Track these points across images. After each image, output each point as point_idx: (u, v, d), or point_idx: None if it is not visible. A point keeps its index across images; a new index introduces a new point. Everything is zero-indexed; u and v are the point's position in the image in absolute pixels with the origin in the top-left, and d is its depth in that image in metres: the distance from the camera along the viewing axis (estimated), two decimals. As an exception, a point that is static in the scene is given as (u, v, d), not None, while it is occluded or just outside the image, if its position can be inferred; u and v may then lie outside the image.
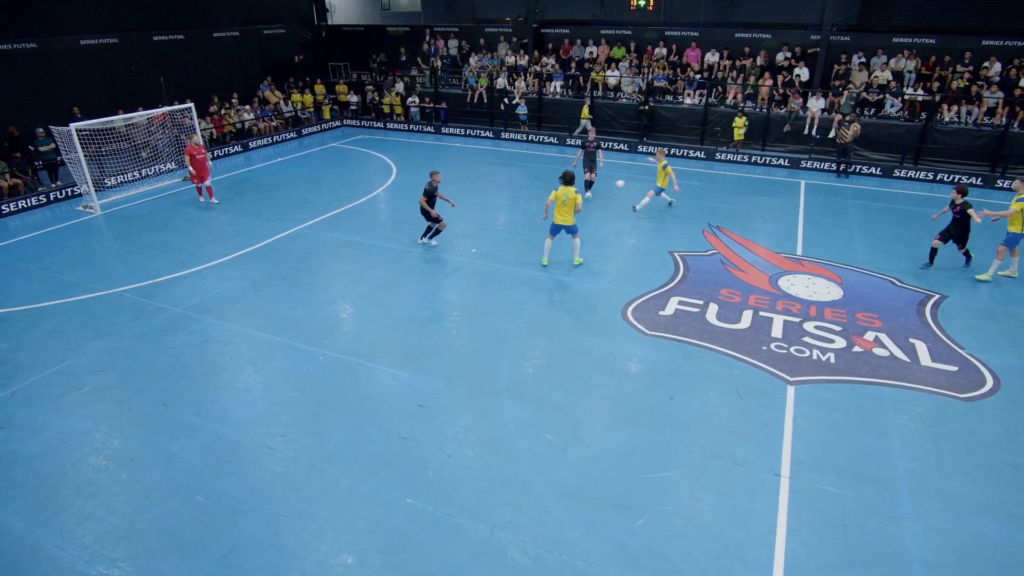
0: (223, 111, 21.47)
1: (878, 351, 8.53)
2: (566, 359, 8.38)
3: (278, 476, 6.35)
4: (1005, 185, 16.35)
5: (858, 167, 17.72)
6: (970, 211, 10.52)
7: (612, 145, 20.20)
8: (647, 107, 20.40)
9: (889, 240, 12.58)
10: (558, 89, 22.59)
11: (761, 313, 9.44)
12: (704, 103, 20.19)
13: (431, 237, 12.23)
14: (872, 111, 18.74)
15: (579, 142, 15.34)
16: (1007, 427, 7.15)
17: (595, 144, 14.81)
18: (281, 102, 23.76)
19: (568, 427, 7.06)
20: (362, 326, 9.34)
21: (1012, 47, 18.77)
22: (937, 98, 18.05)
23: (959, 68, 18.89)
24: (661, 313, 9.43)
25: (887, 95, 18.70)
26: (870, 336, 8.87)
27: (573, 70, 23.06)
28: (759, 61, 21.04)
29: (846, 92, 18.90)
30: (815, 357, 8.36)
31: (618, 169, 17.60)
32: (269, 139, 21.72)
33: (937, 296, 10.15)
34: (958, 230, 10.78)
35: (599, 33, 23.68)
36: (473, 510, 5.91)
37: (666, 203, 14.49)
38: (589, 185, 14.93)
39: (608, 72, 22.34)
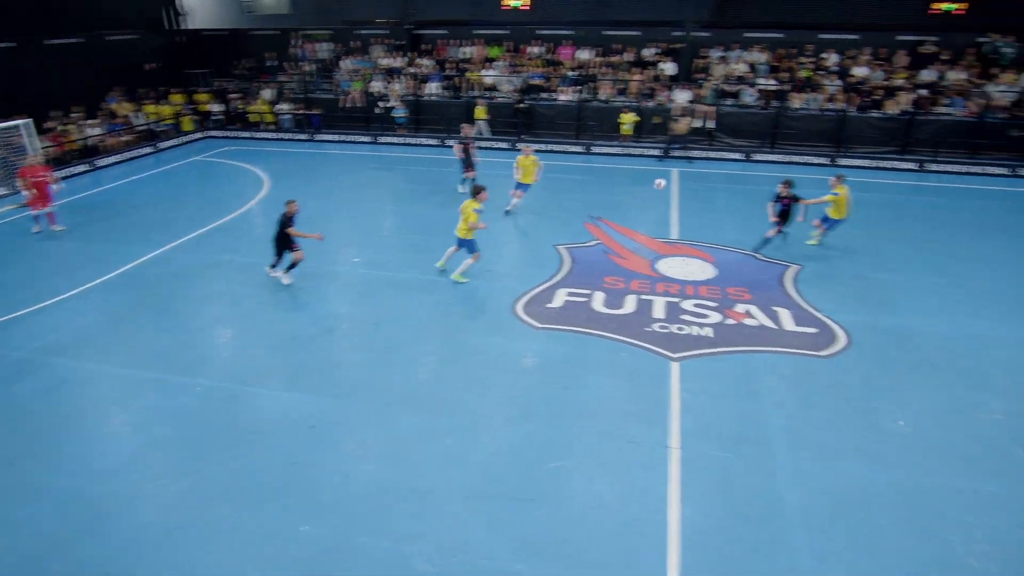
0: (63, 127, 19.53)
1: (748, 321, 9.36)
2: (460, 361, 8.46)
3: (153, 526, 5.88)
4: (845, 163, 18.46)
5: (723, 152, 19.28)
6: (800, 202, 11.68)
7: (491, 144, 20.56)
8: (523, 105, 20.96)
9: (752, 219, 13.78)
10: (435, 90, 22.66)
11: (643, 297, 10.05)
12: (579, 99, 21.06)
13: (287, 270, 10.61)
14: (731, 101, 20.44)
15: (459, 140, 15.41)
16: (860, 377, 8.10)
17: (470, 142, 15.09)
18: (132, 114, 21.98)
19: (467, 428, 7.14)
20: (241, 350, 8.89)
21: (845, 40, 21.26)
22: (787, 87, 20.03)
23: (803, 60, 21.10)
24: (550, 306, 9.77)
25: (743, 86, 20.47)
26: (741, 308, 9.72)
27: (450, 70, 23.22)
28: (628, 57, 22.31)
29: (707, 84, 20.49)
30: (695, 333, 9.03)
31: (498, 168, 17.99)
32: (121, 156, 20.02)
33: (795, 267, 11.30)
34: (783, 214, 11.87)
35: (474, 33, 24.02)
36: (374, 527, 5.82)
37: (528, 202, 14.61)
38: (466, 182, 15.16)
39: (484, 72, 22.72)
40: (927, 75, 19.96)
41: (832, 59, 20.98)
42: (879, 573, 5.37)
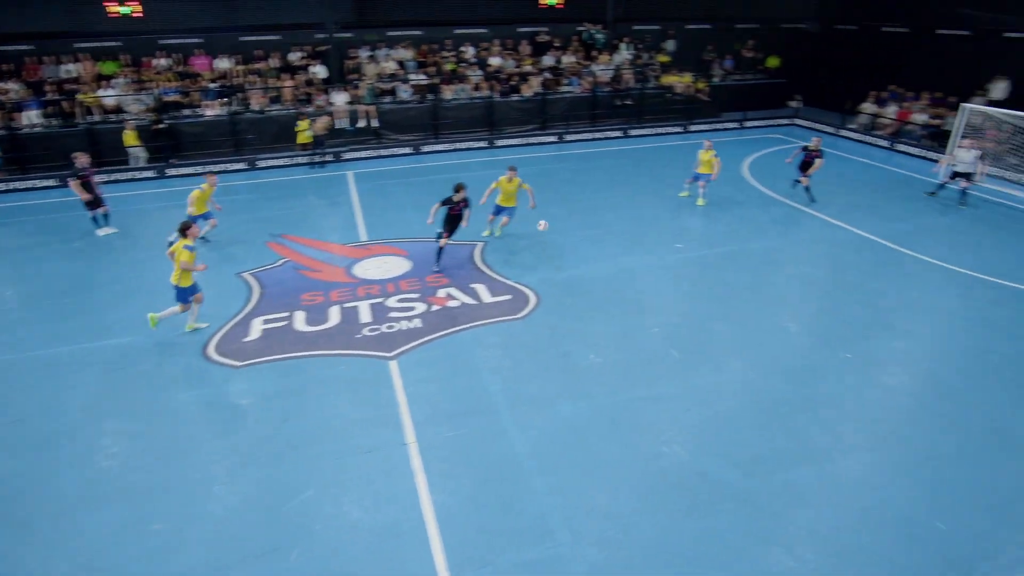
0: None
1: (451, 304, 10.07)
2: (152, 431, 7.32)
3: None
4: (502, 144, 20.94)
5: (393, 148, 20.08)
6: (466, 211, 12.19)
7: (135, 175, 17.92)
8: (163, 125, 18.69)
9: (428, 204, 14.70)
10: (36, 120, 18.67)
11: (347, 305, 10.00)
12: (229, 112, 19.62)
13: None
14: (389, 98, 21.32)
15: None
16: (551, 327, 9.41)
17: (89, 173, 13.05)
18: None
19: (179, 503, 6.25)
20: None
21: (478, 34, 23.87)
22: (437, 80, 21.69)
23: (445, 54, 23.07)
24: (248, 339, 9.06)
25: (397, 83, 21.52)
26: (442, 293, 10.38)
27: (53, 93, 19.34)
28: (274, 63, 21.50)
29: (363, 84, 20.98)
30: (405, 327, 9.36)
31: (146, 200, 15.84)
32: None
33: (479, 243, 12.48)
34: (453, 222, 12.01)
35: (76, 47, 20.38)
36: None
37: (216, 227, 13.43)
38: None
39: (102, 92, 19.52)
40: (547, 60, 23.71)
41: (470, 52, 23.41)
42: (606, 486, 6.39)
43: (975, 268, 11.47)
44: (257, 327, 9.38)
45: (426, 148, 20.42)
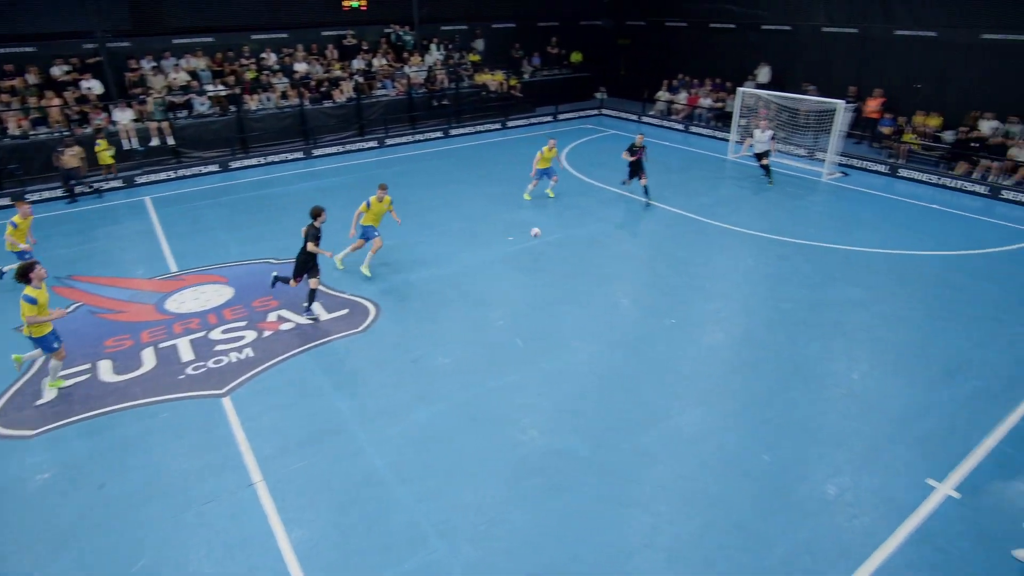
0: None
1: (285, 326, 9.54)
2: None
3: None
4: (319, 154, 20.20)
5: (196, 167, 18.48)
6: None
7: None
8: None
9: (251, 225, 13.85)
10: None
11: (162, 345, 9.06)
12: (-19, 140, 16.76)
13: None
14: (184, 113, 19.56)
15: None
16: (398, 335, 9.30)
17: None
18: None
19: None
20: None
21: (278, 39, 22.68)
22: (238, 90, 20.28)
23: (244, 62, 21.63)
24: (41, 402, 7.85)
25: (192, 95, 19.80)
26: (273, 317, 9.79)
27: None
28: (33, 79, 18.71)
29: (150, 99, 19.02)
30: (235, 359, 8.69)
31: None
32: None
33: (310, 259, 11.98)
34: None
35: None
36: None
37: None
38: None
39: None
40: (357, 64, 23.23)
41: (272, 58, 22.20)
42: (471, 483, 6.47)
43: (763, 230, 13.27)
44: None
45: (235, 164, 19.05)
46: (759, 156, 16.55)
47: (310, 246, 9.26)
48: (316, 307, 9.98)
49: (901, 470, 6.61)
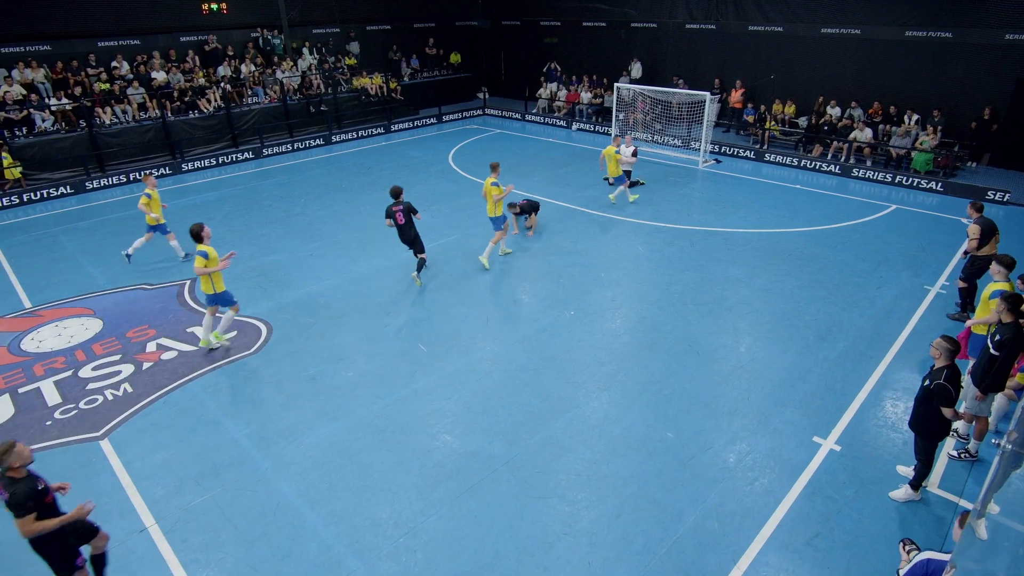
0: None
1: (166, 356, 8.89)
2: None
3: None
4: (190, 168, 18.95)
5: (46, 190, 16.75)
6: None
7: None
8: None
9: (118, 250, 12.75)
10: None
11: (21, 390, 8.16)
12: None
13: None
14: (24, 131, 17.66)
15: None
16: (292, 354, 8.93)
17: None
18: None
19: None
20: None
21: (129, 46, 20.98)
22: (87, 103, 18.56)
23: (91, 71, 19.82)
24: None
25: (31, 110, 17.91)
26: (152, 347, 9.09)
27: None
28: None
29: (-20, 116, 17.02)
30: (111, 397, 7.99)
31: None
32: None
33: (189, 280, 11.22)
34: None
35: None
36: None
37: None
38: None
39: None
40: (223, 71, 21.98)
41: (124, 67, 20.53)
42: (385, 497, 6.33)
43: (650, 218, 13.98)
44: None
45: (92, 185, 17.44)
46: (627, 174, 16.14)
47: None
48: (200, 331, 9.38)
49: (790, 432, 7.20)
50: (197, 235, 8.52)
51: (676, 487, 6.42)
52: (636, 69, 23.97)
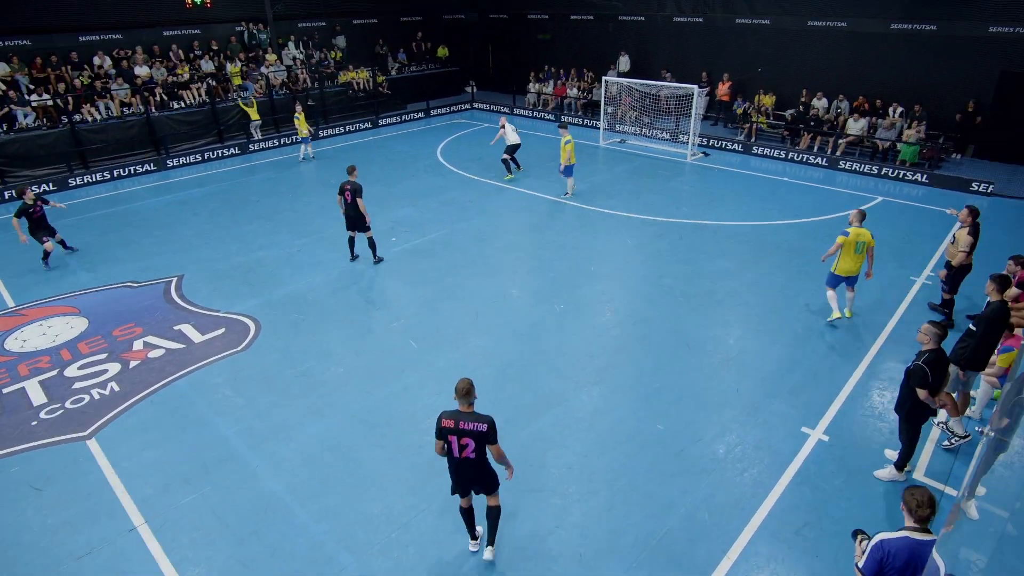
0: None
1: (153, 354, 8.82)
2: None
3: None
4: (175, 164, 18.76)
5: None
6: None
7: None
8: None
9: (103, 247, 12.62)
10: None
11: (6, 390, 8.07)
12: None
13: None
14: (4, 126, 17.38)
15: None
16: (281, 351, 8.89)
17: None
18: None
19: None
20: None
21: (111, 40, 20.69)
22: (69, 99, 18.31)
23: (72, 67, 19.54)
24: None
25: (12, 106, 17.63)
26: (139, 345, 9.02)
27: None
28: None
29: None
30: (97, 396, 7.93)
31: None
32: None
33: (175, 277, 11.12)
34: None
35: None
36: None
37: None
38: None
39: None
40: (207, 66, 21.73)
41: (107, 62, 20.26)
42: (377, 493, 6.33)
43: (639, 211, 14.02)
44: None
45: (74, 182, 17.22)
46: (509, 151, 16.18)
47: None
48: (187, 329, 9.33)
49: (779, 423, 7.27)
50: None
51: (667, 479, 6.46)
52: (624, 62, 23.97)
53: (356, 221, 11.21)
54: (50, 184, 16.85)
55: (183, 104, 20.22)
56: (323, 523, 6.00)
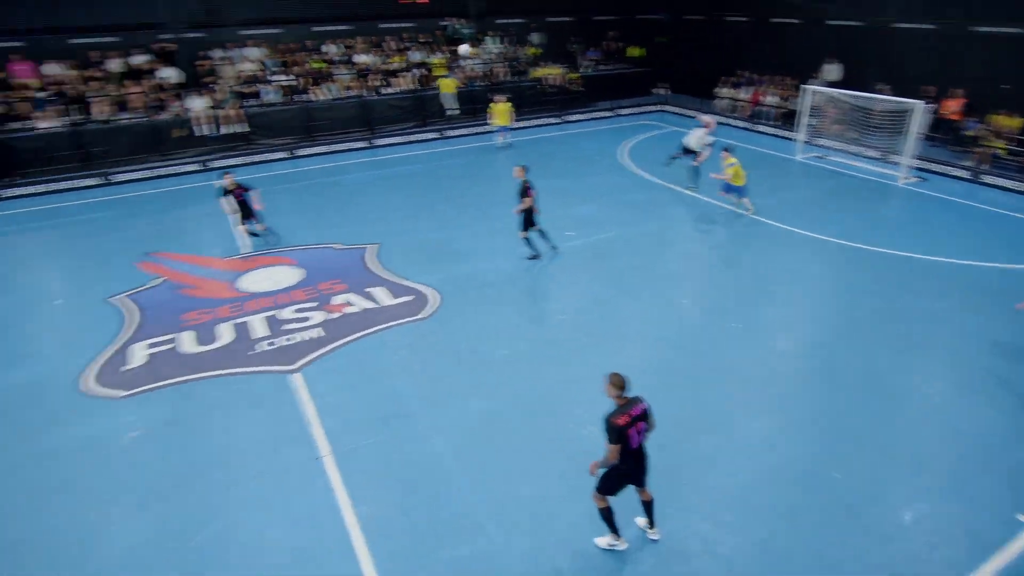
0: None
1: (350, 310, 9.84)
2: (31, 475, 6.56)
3: None
4: (382, 144, 20.59)
5: (266, 153, 19.12)
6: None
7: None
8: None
9: (317, 211, 14.25)
10: None
11: (238, 321, 9.49)
12: (70, 124, 17.75)
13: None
14: (254, 101, 20.23)
15: None
16: (458, 324, 9.44)
17: None
18: None
19: (70, 556, 5.66)
20: None
21: (340, 31, 23.22)
22: (304, 80, 20.85)
23: (305, 53, 22.26)
24: (129, 367, 8.36)
25: (261, 84, 20.47)
26: (339, 300, 10.11)
27: None
28: (117, 68, 19.69)
29: (219, 87, 19.75)
30: (304, 338, 9.02)
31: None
32: None
33: (371, 246, 12.26)
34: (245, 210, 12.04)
35: None
36: None
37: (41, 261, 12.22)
38: None
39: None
40: (415, 57, 23.53)
41: (333, 50, 22.74)
42: (530, 475, 6.54)
43: (835, 235, 12.81)
44: (139, 353, 8.68)
45: (301, 152, 19.64)
46: (691, 153, 15.79)
47: None
48: (378, 292, 10.26)
49: (988, 502, 6.20)
50: None
51: (835, 534, 5.83)
52: (832, 71, 21.98)
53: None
54: (285, 152, 19.34)
55: (395, 90, 22.12)
56: (478, 493, 6.29)
